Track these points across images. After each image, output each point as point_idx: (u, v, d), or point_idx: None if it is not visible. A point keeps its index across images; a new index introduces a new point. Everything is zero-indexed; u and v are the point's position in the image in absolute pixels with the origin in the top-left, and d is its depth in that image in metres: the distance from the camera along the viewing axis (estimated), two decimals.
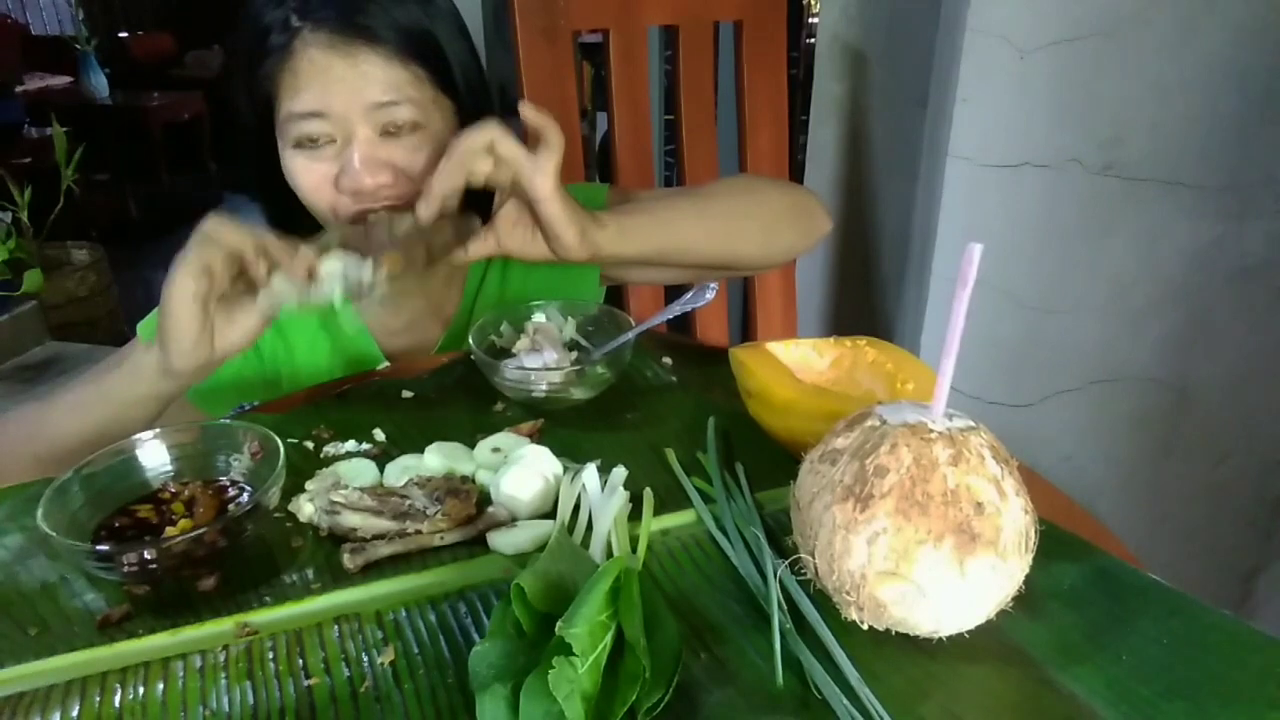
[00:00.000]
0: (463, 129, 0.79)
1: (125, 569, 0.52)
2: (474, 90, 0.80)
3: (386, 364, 0.88)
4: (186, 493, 0.59)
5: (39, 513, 0.52)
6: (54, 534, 0.51)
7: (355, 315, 0.70)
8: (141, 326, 0.82)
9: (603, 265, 0.86)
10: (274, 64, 0.72)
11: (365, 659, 0.49)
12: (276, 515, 0.60)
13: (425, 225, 0.67)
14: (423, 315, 0.92)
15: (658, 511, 0.59)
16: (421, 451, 0.66)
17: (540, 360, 0.74)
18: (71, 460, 0.60)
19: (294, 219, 0.79)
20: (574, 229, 0.69)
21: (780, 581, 0.50)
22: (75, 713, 0.46)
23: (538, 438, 0.69)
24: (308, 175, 0.75)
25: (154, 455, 0.61)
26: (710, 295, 0.78)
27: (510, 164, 0.67)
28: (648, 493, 0.60)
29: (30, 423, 0.74)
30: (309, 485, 0.61)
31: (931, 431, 0.46)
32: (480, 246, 0.71)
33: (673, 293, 0.92)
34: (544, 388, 0.71)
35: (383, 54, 0.72)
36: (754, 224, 0.85)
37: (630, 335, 0.75)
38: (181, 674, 0.48)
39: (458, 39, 0.78)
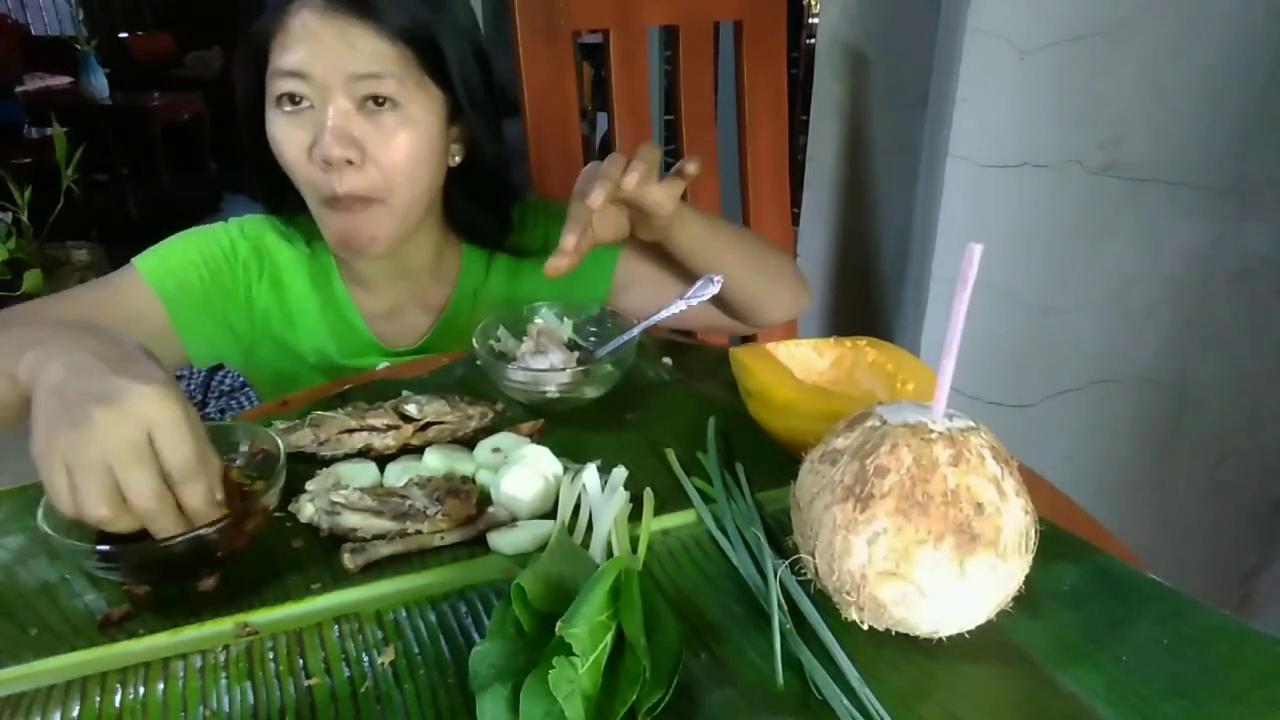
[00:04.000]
0: (452, 125, 0.81)
1: (127, 568, 0.52)
2: (471, 90, 0.80)
3: (386, 364, 0.88)
4: None
5: (39, 513, 0.52)
6: (54, 534, 0.51)
7: None
8: (141, 261, 0.84)
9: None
10: (269, 20, 0.74)
11: (365, 659, 0.49)
12: (276, 515, 0.60)
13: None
14: (407, 304, 0.92)
15: (658, 511, 0.59)
16: (421, 452, 0.66)
17: (546, 361, 0.74)
18: None
19: (280, 186, 0.82)
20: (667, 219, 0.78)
21: (780, 581, 0.50)
22: (75, 713, 0.46)
23: (538, 438, 0.69)
24: (289, 143, 0.76)
25: None
26: (714, 288, 0.78)
27: (655, 207, 0.76)
28: (648, 493, 0.60)
29: None
30: (309, 485, 0.61)
31: (931, 431, 0.46)
32: (582, 243, 0.73)
33: None
34: (554, 388, 0.71)
35: (373, 28, 0.73)
36: (768, 271, 0.92)
37: (636, 331, 0.75)
38: (181, 674, 0.48)
39: (459, 37, 0.79)
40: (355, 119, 0.75)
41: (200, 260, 0.86)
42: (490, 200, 0.89)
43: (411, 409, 0.67)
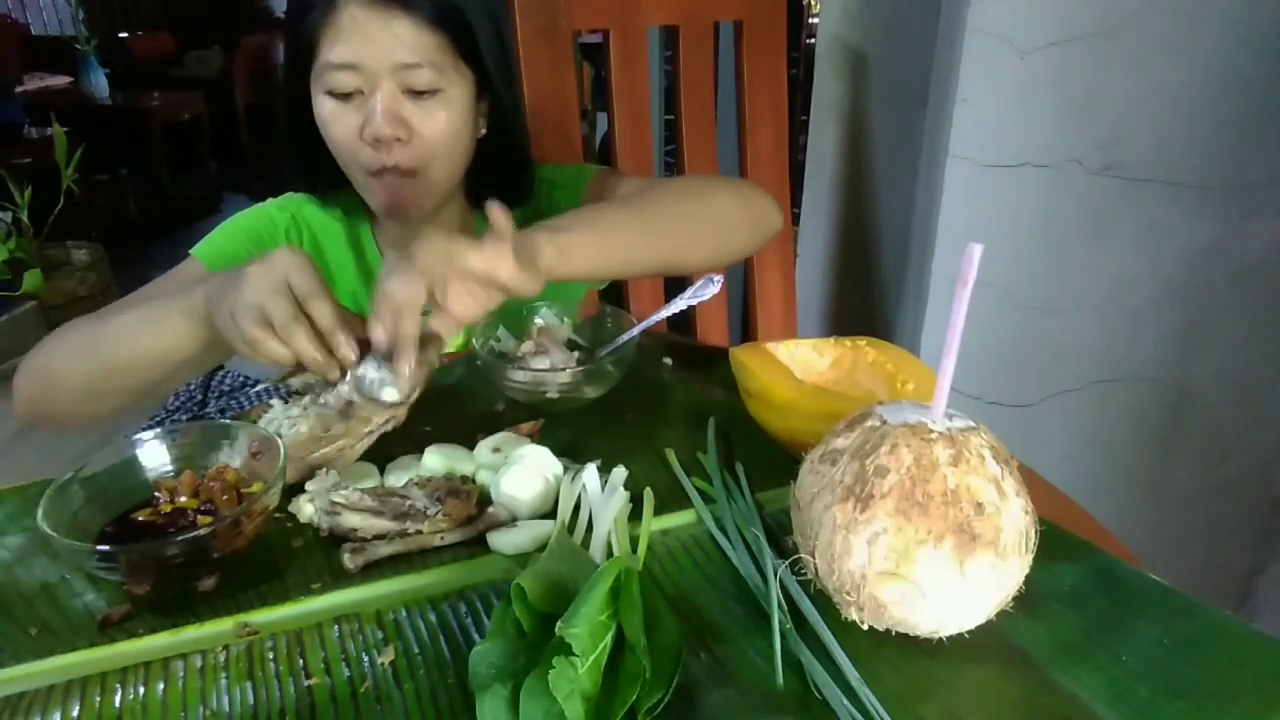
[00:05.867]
0: (480, 100, 0.87)
1: (127, 566, 0.52)
2: (499, 69, 0.87)
3: None
4: (205, 483, 0.59)
5: (39, 513, 0.52)
6: (54, 534, 0.52)
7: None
8: (197, 250, 0.90)
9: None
10: (319, 16, 0.80)
11: (365, 659, 0.49)
12: (276, 515, 0.60)
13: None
14: None
15: (658, 511, 0.59)
16: (421, 452, 0.66)
17: (546, 361, 0.74)
18: (119, 384, 0.73)
19: (316, 165, 0.88)
20: (530, 286, 0.65)
21: (780, 581, 0.50)
22: (75, 713, 0.46)
23: (538, 438, 0.69)
24: (338, 125, 0.83)
25: (154, 455, 0.62)
26: (715, 289, 0.78)
27: (481, 280, 0.63)
28: (648, 493, 0.60)
29: (84, 340, 0.76)
30: (309, 485, 0.61)
31: (932, 431, 0.46)
32: (449, 331, 0.64)
33: (674, 288, 0.93)
34: (554, 388, 0.71)
35: (414, 20, 0.79)
36: (702, 232, 0.83)
37: (636, 331, 0.75)
38: (181, 674, 0.48)
39: (487, 19, 0.85)
40: (402, 101, 0.81)
41: (245, 236, 0.93)
42: (508, 167, 0.94)
43: (389, 394, 0.61)
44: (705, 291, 0.78)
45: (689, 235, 0.82)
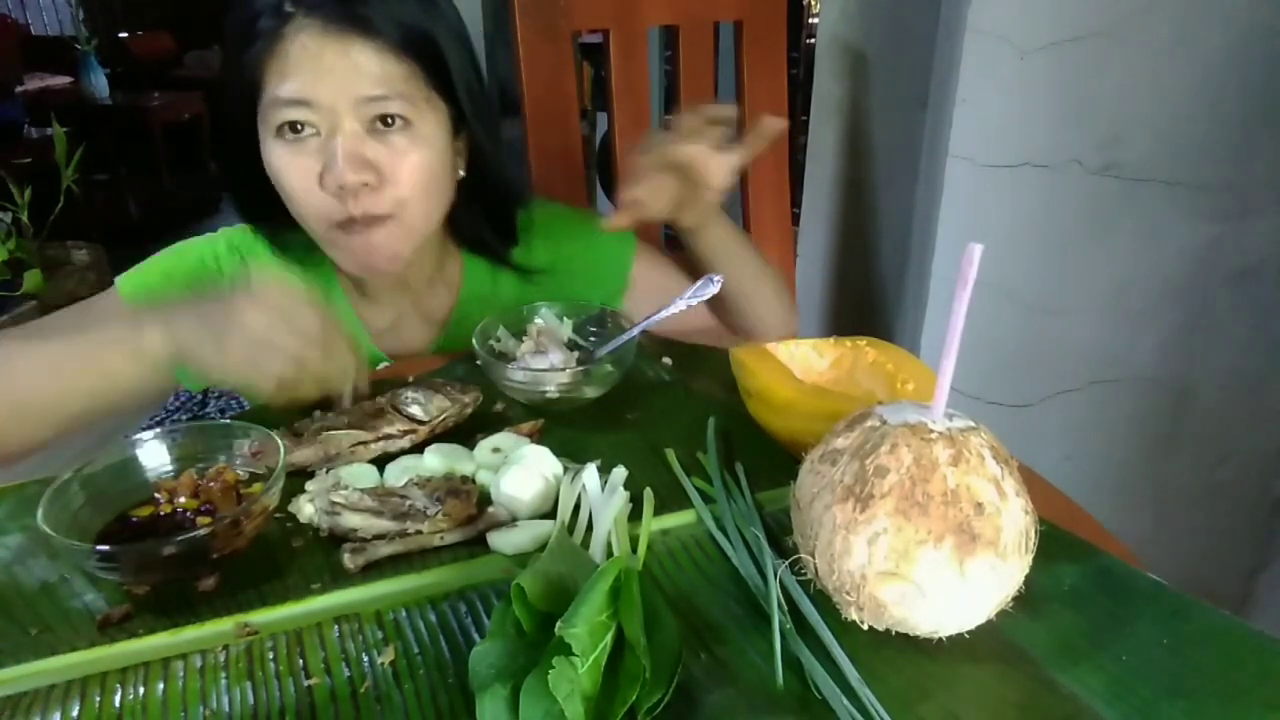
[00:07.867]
0: (457, 138, 0.80)
1: (127, 566, 0.52)
2: (474, 100, 0.78)
3: (387, 363, 0.88)
4: (204, 483, 0.59)
5: (39, 512, 0.52)
6: (54, 534, 0.52)
7: None
8: (122, 284, 0.83)
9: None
10: (263, 48, 0.70)
11: (365, 659, 0.49)
12: (276, 515, 0.60)
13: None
14: (409, 317, 0.91)
15: (658, 511, 0.59)
16: (421, 452, 0.66)
17: (546, 361, 0.74)
18: (41, 422, 0.65)
19: (266, 215, 0.80)
20: (712, 208, 0.83)
21: (780, 581, 0.50)
22: (75, 713, 0.46)
23: (538, 438, 0.69)
24: (292, 173, 0.72)
25: (154, 455, 0.61)
26: (714, 288, 0.78)
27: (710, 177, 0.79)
28: (648, 493, 0.60)
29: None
30: (309, 485, 0.61)
31: (931, 431, 0.46)
32: (624, 217, 0.79)
33: None
34: (554, 388, 0.71)
35: (377, 46, 0.70)
36: (773, 298, 0.95)
37: (636, 330, 0.75)
38: (181, 674, 0.48)
39: (458, 46, 0.76)
40: (366, 141, 0.72)
41: (182, 280, 0.83)
42: (495, 211, 0.87)
43: (417, 411, 0.67)
44: (705, 291, 0.78)
45: (767, 298, 0.94)
